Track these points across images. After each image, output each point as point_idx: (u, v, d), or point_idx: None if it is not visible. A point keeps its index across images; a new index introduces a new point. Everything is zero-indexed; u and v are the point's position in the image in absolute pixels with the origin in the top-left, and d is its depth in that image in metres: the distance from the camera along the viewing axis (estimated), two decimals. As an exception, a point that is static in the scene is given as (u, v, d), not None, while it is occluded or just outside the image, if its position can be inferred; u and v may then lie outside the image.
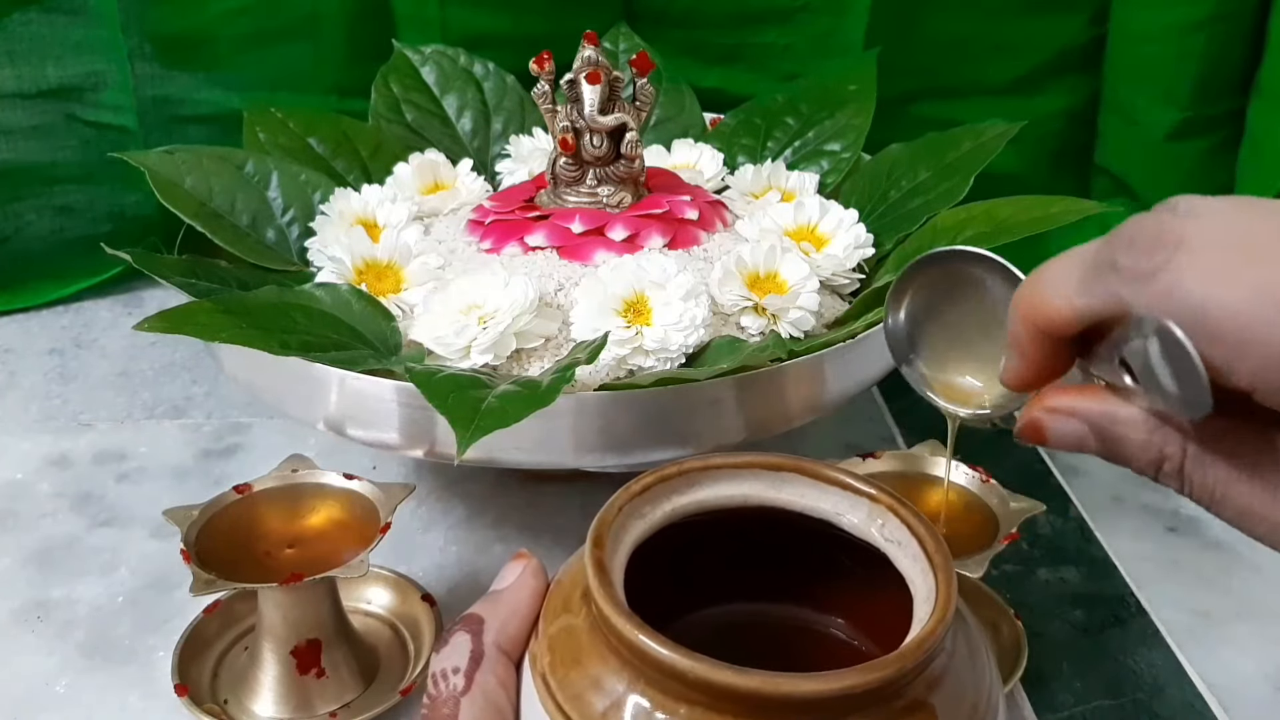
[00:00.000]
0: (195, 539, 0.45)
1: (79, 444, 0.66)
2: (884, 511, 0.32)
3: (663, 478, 0.32)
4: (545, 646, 0.30)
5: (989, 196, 0.57)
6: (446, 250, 0.58)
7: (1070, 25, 0.79)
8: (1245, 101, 0.76)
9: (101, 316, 0.80)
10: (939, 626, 0.28)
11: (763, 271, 0.54)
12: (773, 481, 0.33)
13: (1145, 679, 0.51)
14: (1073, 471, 0.65)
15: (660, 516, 0.32)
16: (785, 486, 0.33)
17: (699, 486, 0.33)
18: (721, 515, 0.33)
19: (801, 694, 0.26)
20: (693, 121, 0.72)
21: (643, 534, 0.32)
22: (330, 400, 0.50)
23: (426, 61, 0.72)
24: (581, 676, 0.28)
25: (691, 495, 0.33)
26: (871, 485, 0.32)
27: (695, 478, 0.33)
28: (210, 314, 0.49)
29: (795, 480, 0.33)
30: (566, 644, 0.30)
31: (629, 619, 0.27)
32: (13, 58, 0.75)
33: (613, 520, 0.31)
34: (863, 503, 0.32)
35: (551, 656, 0.30)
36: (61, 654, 0.52)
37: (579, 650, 0.29)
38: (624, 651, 0.28)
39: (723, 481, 0.33)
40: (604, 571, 0.29)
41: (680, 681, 0.27)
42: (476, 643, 0.31)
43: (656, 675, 0.27)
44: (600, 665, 0.28)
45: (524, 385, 0.46)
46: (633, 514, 0.32)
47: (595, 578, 0.29)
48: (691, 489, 0.33)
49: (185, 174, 0.60)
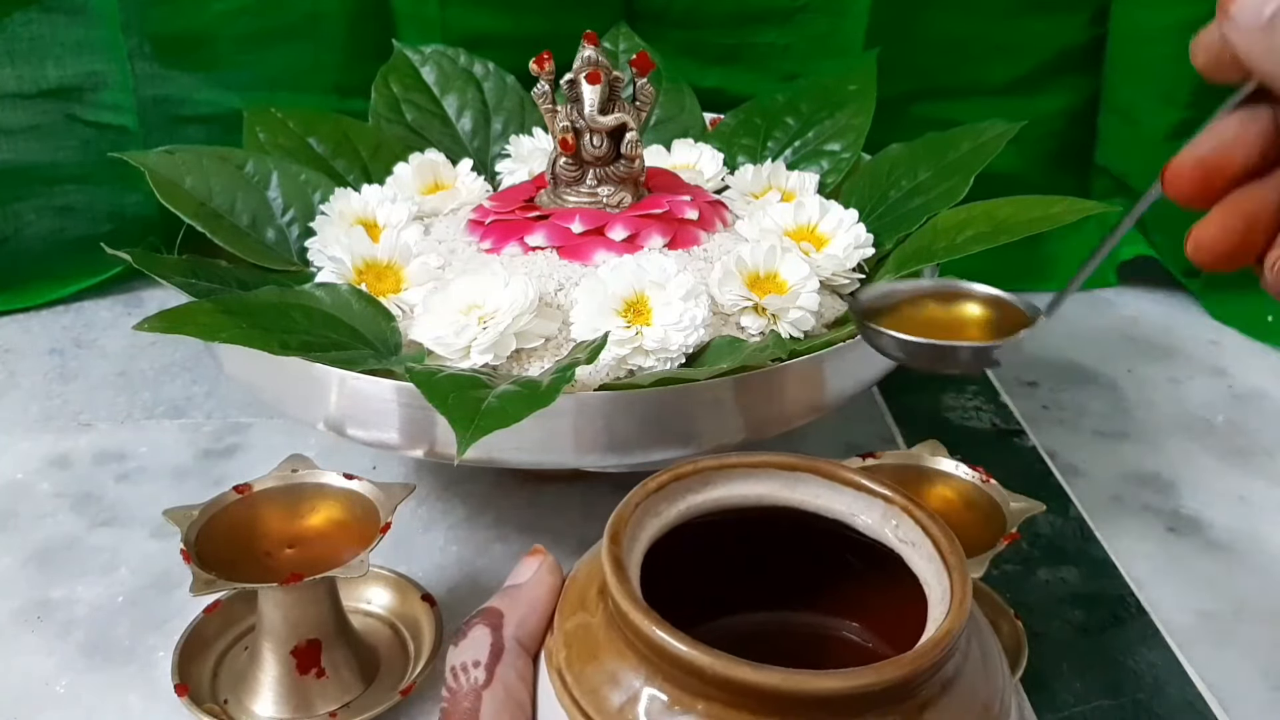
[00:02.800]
0: (195, 539, 0.45)
1: (79, 444, 0.66)
2: (898, 513, 0.32)
3: (678, 475, 0.32)
4: (561, 642, 0.30)
5: (989, 196, 0.57)
6: (446, 250, 0.58)
7: (1070, 25, 0.79)
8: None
9: (101, 316, 0.80)
10: (955, 626, 0.28)
11: (763, 271, 0.54)
12: (787, 481, 0.33)
13: (1145, 679, 0.51)
14: (1073, 471, 0.65)
15: (675, 515, 0.32)
16: (800, 486, 0.33)
17: (714, 485, 0.33)
18: (736, 514, 0.33)
19: (818, 691, 0.26)
20: (693, 121, 0.72)
21: (658, 531, 0.32)
22: (330, 400, 0.50)
23: (426, 61, 0.72)
24: (598, 671, 0.28)
25: (706, 494, 0.33)
26: (886, 486, 0.32)
27: (710, 476, 0.33)
28: (210, 314, 0.49)
29: (810, 480, 0.33)
30: (583, 639, 0.30)
31: (646, 614, 0.27)
32: (13, 58, 0.75)
33: (629, 517, 0.31)
34: (877, 503, 0.32)
35: (568, 652, 0.30)
36: (61, 654, 0.52)
37: (595, 646, 0.29)
38: (640, 647, 0.28)
39: (738, 480, 0.33)
40: (621, 568, 0.29)
41: (698, 677, 0.27)
42: (497, 636, 0.31)
43: (673, 671, 0.27)
44: (617, 660, 0.28)
45: (524, 385, 0.46)
46: (649, 511, 0.32)
47: (612, 574, 0.29)
48: (706, 488, 0.33)
49: (185, 174, 0.60)
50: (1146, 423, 0.70)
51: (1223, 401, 0.72)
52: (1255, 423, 0.70)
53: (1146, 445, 0.68)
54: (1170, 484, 0.64)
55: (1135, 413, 0.71)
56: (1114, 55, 0.79)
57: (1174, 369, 0.75)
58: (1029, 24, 0.79)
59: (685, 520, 0.32)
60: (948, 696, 0.28)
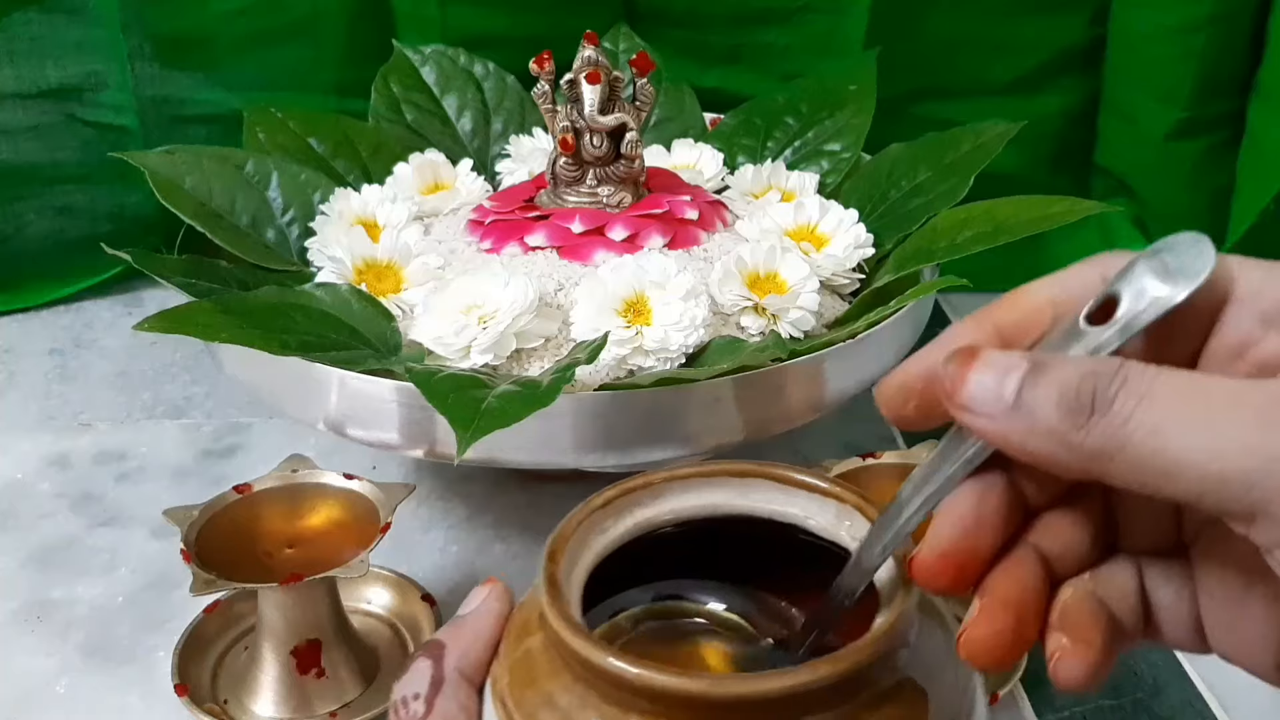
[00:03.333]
0: (195, 539, 0.45)
1: (79, 444, 0.66)
2: (851, 511, 0.31)
3: (626, 490, 0.32)
4: (505, 668, 0.30)
5: (989, 196, 0.57)
6: (446, 250, 0.58)
7: (1070, 25, 0.79)
8: (1245, 101, 0.76)
9: (101, 316, 0.80)
10: (897, 621, 0.27)
11: (763, 271, 0.54)
12: (740, 489, 0.32)
13: (1145, 679, 0.51)
14: (1073, 471, 0.65)
15: (624, 530, 0.32)
16: (752, 493, 0.32)
17: (664, 498, 0.32)
18: (690, 526, 0.32)
19: (750, 694, 0.25)
20: (693, 121, 0.72)
21: (606, 548, 0.31)
22: (330, 400, 0.50)
23: (426, 61, 0.72)
24: (536, 695, 0.28)
25: (657, 507, 0.32)
26: (837, 485, 0.31)
27: (660, 489, 0.32)
28: (210, 314, 0.49)
29: (762, 486, 0.32)
30: (524, 664, 0.29)
31: (575, 630, 0.27)
32: (13, 58, 0.75)
33: (571, 534, 0.30)
34: (830, 504, 0.32)
35: (510, 678, 0.29)
36: (61, 654, 0.52)
37: (535, 669, 0.29)
38: (575, 666, 0.27)
39: (690, 491, 0.32)
40: (555, 586, 0.28)
41: (628, 690, 0.26)
42: (438, 668, 0.30)
43: (606, 687, 0.27)
44: (553, 682, 0.28)
45: (524, 385, 0.46)
46: (593, 528, 0.31)
47: (547, 593, 0.28)
48: (656, 500, 0.32)
49: (185, 174, 0.60)
50: (1146, 423, 0.70)
51: (1223, 401, 0.72)
52: (1255, 423, 0.70)
53: (1146, 445, 0.67)
54: (1170, 484, 0.64)
55: (1135, 413, 0.71)
56: (1114, 55, 0.79)
57: (1174, 369, 0.75)
58: (1029, 24, 0.79)
59: (636, 535, 0.32)
60: (901, 694, 0.27)
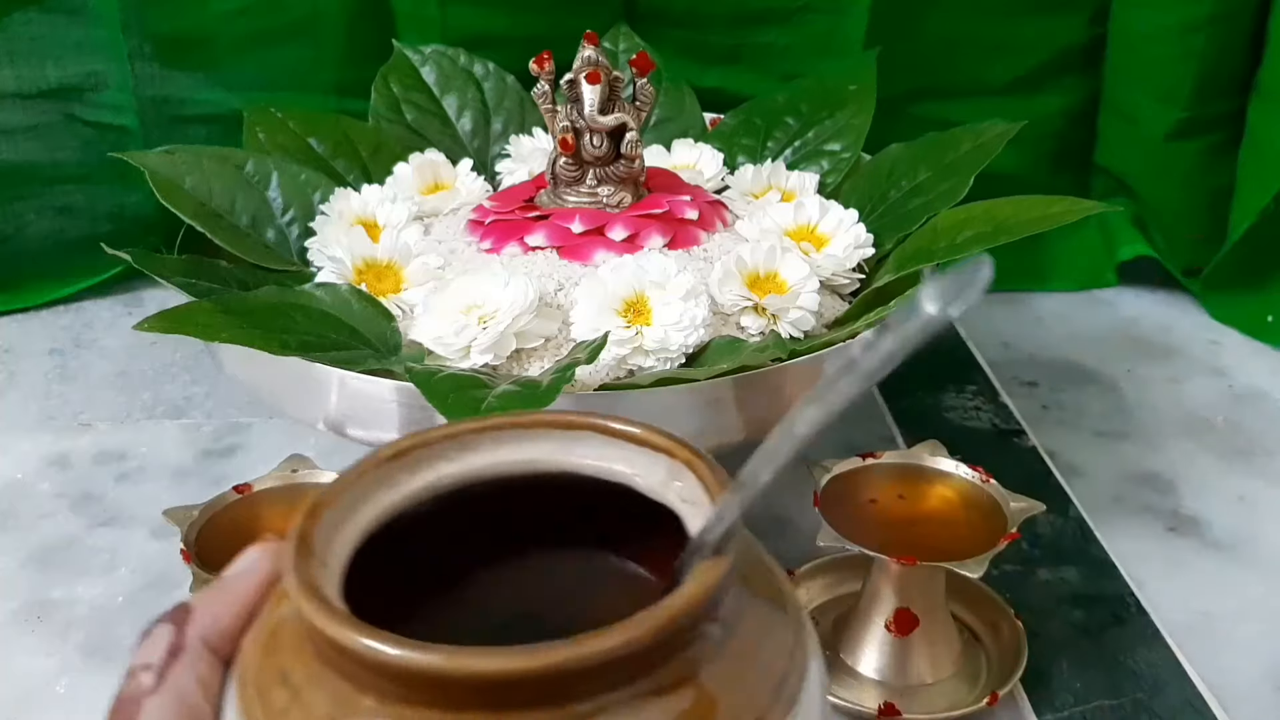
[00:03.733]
0: (195, 539, 0.46)
1: (79, 444, 0.66)
2: (682, 469, 0.27)
3: (424, 441, 0.28)
4: (254, 639, 0.26)
5: (989, 196, 0.57)
6: (446, 250, 0.58)
7: (1070, 25, 0.79)
8: (1245, 101, 0.76)
9: (101, 316, 0.80)
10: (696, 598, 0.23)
11: (763, 271, 0.54)
12: (564, 442, 0.28)
13: (1145, 679, 0.51)
14: (1073, 471, 0.65)
15: (421, 486, 0.28)
16: (577, 447, 0.28)
17: (474, 450, 0.28)
18: (505, 483, 0.28)
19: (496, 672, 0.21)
20: (693, 121, 0.72)
21: (395, 506, 0.27)
22: (330, 400, 0.50)
23: (426, 61, 0.72)
24: (272, 669, 0.24)
25: (465, 461, 0.28)
26: (671, 439, 0.28)
27: (469, 440, 0.28)
28: (210, 314, 0.49)
29: (589, 439, 0.28)
30: (269, 634, 0.25)
31: (311, 595, 0.23)
32: (13, 58, 0.75)
33: (346, 489, 0.26)
34: (661, 460, 0.28)
35: (252, 649, 0.25)
36: (61, 654, 0.52)
37: (280, 642, 0.25)
38: (315, 638, 0.23)
39: (505, 445, 0.28)
40: (308, 544, 0.24)
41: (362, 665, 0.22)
42: (178, 635, 0.26)
43: (342, 661, 0.23)
44: (293, 656, 0.24)
45: (524, 385, 0.46)
46: (381, 483, 0.27)
47: (295, 552, 0.24)
48: (464, 454, 0.28)
49: (185, 174, 0.60)
50: (1146, 423, 0.70)
51: (1223, 401, 0.72)
52: (1255, 423, 0.70)
53: (1146, 445, 0.68)
54: (1170, 484, 0.64)
55: (1135, 413, 0.71)
56: (1114, 55, 0.79)
57: (1174, 369, 0.75)
58: (1029, 24, 0.79)
59: (437, 493, 0.28)
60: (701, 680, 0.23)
